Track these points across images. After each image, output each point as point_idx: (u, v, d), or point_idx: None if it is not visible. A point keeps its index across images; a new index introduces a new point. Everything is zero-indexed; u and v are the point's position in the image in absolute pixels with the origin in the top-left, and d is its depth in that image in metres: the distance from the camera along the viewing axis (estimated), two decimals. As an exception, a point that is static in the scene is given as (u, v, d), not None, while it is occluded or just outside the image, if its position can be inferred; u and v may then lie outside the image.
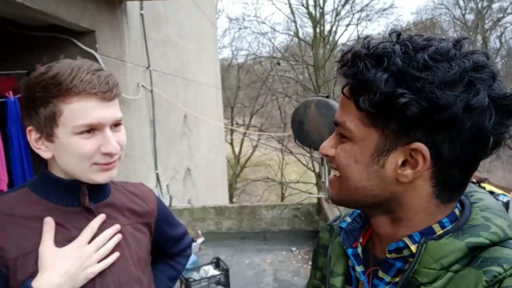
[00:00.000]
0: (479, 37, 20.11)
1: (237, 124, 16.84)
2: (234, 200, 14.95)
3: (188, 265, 3.82)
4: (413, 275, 0.55)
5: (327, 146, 0.63)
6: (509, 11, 20.74)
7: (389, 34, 0.59)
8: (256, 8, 29.66)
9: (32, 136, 0.83)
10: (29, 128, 0.83)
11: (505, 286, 0.48)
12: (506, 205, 10.60)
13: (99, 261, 0.84)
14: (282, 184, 14.99)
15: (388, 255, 0.60)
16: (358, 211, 0.71)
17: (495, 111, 0.52)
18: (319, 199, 4.65)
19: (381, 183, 0.58)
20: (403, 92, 0.51)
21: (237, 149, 16.60)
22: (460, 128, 0.51)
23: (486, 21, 20.33)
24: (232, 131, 15.36)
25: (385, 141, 0.56)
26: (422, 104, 0.51)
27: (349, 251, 0.67)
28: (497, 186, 12.15)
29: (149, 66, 4.34)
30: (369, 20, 15.58)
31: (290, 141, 15.01)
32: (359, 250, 0.67)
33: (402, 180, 0.57)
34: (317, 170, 13.63)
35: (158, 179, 4.58)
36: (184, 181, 5.66)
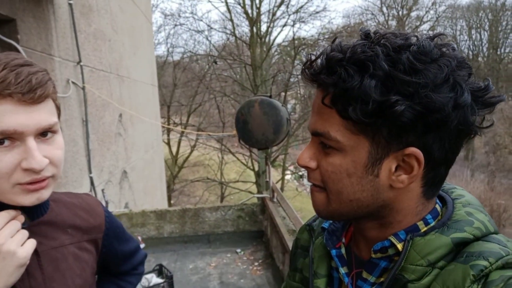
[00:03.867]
0: (401, 42, 21.81)
1: (174, 123, 16.39)
2: (172, 201, 14.54)
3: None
4: (399, 272, 0.54)
5: (306, 157, 0.58)
6: (425, 19, 22.84)
7: (361, 34, 0.55)
8: (192, 4, 29.11)
9: None
10: None
11: (491, 279, 0.48)
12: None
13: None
14: (222, 184, 14.89)
15: (373, 255, 0.59)
16: None
17: (475, 104, 0.52)
18: (262, 198, 4.64)
19: (375, 193, 0.56)
20: (397, 99, 0.49)
21: (174, 149, 16.16)
22: (449, 127, 0.51)
23: (406, 28, 22.11)
24: (168, 130, 14.90)
25: (377, 148, 0.54)
26: (417, 109, 0.49)
27: (333, 252, 0.65)
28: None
29: (80, 61, 3.99)
30: (303, 22, 16.07)
31: (229, 140, 14.97)
32: (343, 250, 0.65)
33: (397, 186, 0.55)
34: (256, 168, 13.75)
35: (92, 183, 4.23)
36: (121, 184, 5.32)
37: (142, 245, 4.26)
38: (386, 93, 0.49)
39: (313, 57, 0.56)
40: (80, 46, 4.00)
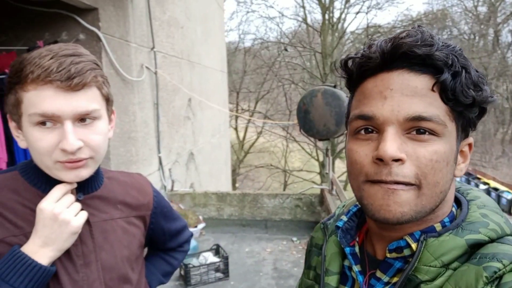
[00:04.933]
0: (491, 31, 19.66)
1: (242, 109, 16.72)
2: (236, 185, 14.97)
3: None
4: (413, 273, 0.53)
5: (396, 149, 0.50)
6: (523, 4, 20.26)
7: (418, 30, 0.54)
8: (265, -9, 29.11)
9: (11, 123, 0.77)
10: (9, 114, 0.77)
11: (505, 281, 0.47)
12: (510, 202, 10.48)
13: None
14: (285, 172, 14.97)
15: (388, 255, 0.58)
16: (354, 210, 0.67)
17: None
18: (322, 190, 4.59)
19: (450, 182, 0.55)
20: (491, 90, 0.54)
21: (241, 134, 16.54)
22: None
23: (499, 14, 19.85)
24: (236, 116, 15.27)
25: (459, 136, 0.55)
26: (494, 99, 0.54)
27: (347, 250, 0.64)
28: (502, 183, 12.10)
29: (153, 47, 4.24)
30: (379, 8, 15.34)
31: (295, 128, 14.91)
32: (357, 249, 0.65)
33: (458, 174, 0.57)
34: (321, 159, 13.56)
35: (160, 163, 4.53)
36: (187, 165, 5.61)
37: (202, 224, 4.47)
38: (484, 84, 0.53)
39: (406, 35, 0.52)
40: (155, 33, 4.25)
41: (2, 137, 2.59)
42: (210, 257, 3.62)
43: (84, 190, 0.83)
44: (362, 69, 0.56)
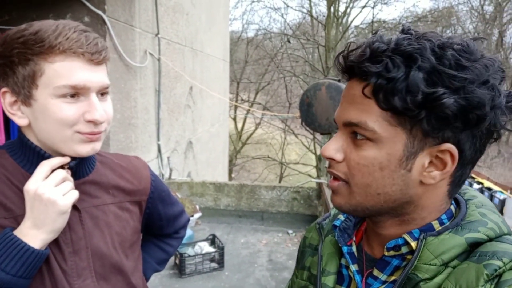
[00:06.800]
0: (496, 31, 19.53)
1: (242, 99, 16.65)
2: (233, 175, 14.97)
3: (183, 240, 3.81)
4: (413, 271, 0.54)
5: (333, 149, 0.57)
6: (530, 6, 20.08)
7: (402, 29, 0.56)
8: (270, -19, 28.80)
9: (7, 100, 0.73)
10: (3, 90, 0.72)
11: (505, 279, 0.48)
12: (502, 202, 10.57)
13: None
14: (282, 164, 14.98)
15: (386, 253, 0.59)
16: None
17: (505, 108, 0.53)
18: (319, 184, 4.59)
19: (405, 187, 0.55)
20: (444, 92, 0.49)
21: (239, 125, 16.50)
22: (483, 126, 0.52)
23: (505, 15, 19.72)
24: (236, 106, 15.20)
25: (413, 142, 0.53)
26: (461, 104, 0.50)
27: (345, 249, 0.65)
28: (496, 183, 12.19)
29: (158, 33, 4.19)
30: (386, 3, 15.15)
31: (294, 121, 14.90)
32: (354, 248, 0.65)
33: (428, 182, 0.55)
34: (318, 152, 13.57)
35: (159, 150, 4.51)
36: (185, 154, 5.60)
37: (199, 214, 4.48)
38: (433, 86, 0.49)
39: (353, 46, 0.56)
40: (160, 19, 4.19)
41: (1, 119, 2.56)
42: (206, 247, 3.63)
43: (76, 174, 0.79)
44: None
